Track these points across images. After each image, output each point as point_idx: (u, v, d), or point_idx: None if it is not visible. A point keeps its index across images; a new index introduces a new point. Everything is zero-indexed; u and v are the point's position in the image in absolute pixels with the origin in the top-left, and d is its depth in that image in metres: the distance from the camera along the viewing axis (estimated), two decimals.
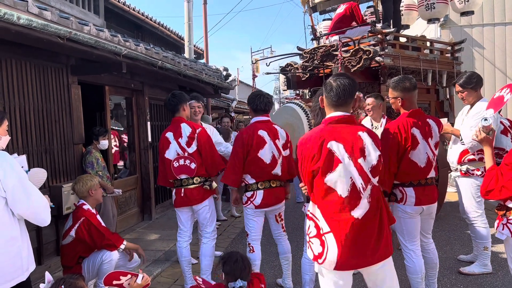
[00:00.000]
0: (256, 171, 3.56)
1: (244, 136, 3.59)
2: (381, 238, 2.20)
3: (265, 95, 3.72)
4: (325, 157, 2.18)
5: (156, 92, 7.09)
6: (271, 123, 3.68)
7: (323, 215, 2.22)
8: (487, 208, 4.25)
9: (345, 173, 2.18)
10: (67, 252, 3.50)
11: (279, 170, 3.58)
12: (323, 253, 2.19)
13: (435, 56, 6.05)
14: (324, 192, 2.21)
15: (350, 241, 2.13)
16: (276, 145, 3.58)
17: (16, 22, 3.07)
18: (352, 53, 5.25)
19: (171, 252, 5.05)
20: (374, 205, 2.21)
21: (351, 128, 2.25)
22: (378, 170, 2.26)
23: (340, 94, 2.26)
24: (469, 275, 3.97)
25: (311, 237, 2.29)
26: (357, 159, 2.19)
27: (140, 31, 11.03)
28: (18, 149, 3.94)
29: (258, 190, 3.56)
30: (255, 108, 3.68)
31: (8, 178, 2.26)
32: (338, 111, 2.29)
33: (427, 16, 6.65)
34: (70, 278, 2.18)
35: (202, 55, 13.86)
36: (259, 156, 3.52)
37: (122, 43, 4.54)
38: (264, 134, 3.55)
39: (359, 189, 2.19)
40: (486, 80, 9.16)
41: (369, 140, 2.24)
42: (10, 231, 2.31)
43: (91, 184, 3.62)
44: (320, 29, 8.13)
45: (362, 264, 2.18)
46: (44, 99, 4.37)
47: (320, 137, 2.21)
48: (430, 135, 3.10)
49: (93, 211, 3.59)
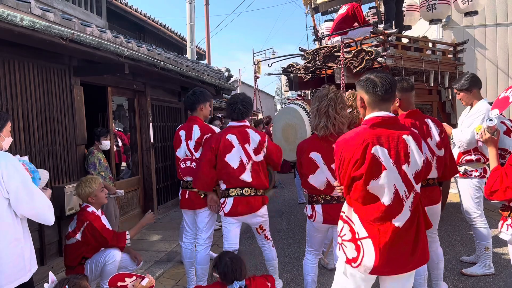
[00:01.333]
0: (224, 176, 3.46)
1: (212, 139, 3.55)
2: (418, 244, 2.15)
3: (240, 103, 3.54)
4: (369, 163, 2.09)
5: (158, 93, 7.10)
6: (244, 127, 3.53)
7: (361, 220, 2.16)
8: (488, 209, 4.25)
9: (389, 181, 2.10)
10: (70, 252, 3.51)
11: (248, 177, 3.41)
12: (357, 258, 2.15)
13: (437, 57, 6.04)
14: (365, 198, 2.14)
15: (388, 248, 2.09)
16: (245, 149, 3.44)
17: (19, 24, 3.08)
18: (354, 54, 5.25)
19: (173, 253, 5.06)
20: (414, 211, 2.15)
21: (395, 131, 2.15)
22: (421, 176, 2.18)
23: (387, 87, 2.16)
24: (472, 276, 3.97)
25: (344, 240, 2.23)
26: (401, 166, 2.11)
27: (142, 32, 11.05)
28: (21, 150, 3.95)
29: (229, 197, 3.45)
30: (229, 116, 3.62)
31: (11, 180, 2.27)
32: (382, 111, 2.17)
33: (429, 17, 6.63)
34: (74, 278, 2.19)
35: (204, 56, 13.91)
36: (226, 160, 3.42)
37: (124, 44, 4.55)
38: (232, 138, 3.45)
39: (402, 197, 2.11)
40: (488, 81, 9.15)
41: (414, 144, 2.14)
42: (13, 233, 2.32)
43: (90, 191, 3.56)
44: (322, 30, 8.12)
45: (398, 270, 2.13)
46: (46, 100, 4.38)
47: (364, 141, 2.11)
48: (429, 135, 3.07)
49: (97, 214, 3.59)
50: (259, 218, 3.54)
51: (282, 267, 4.36)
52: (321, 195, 3.10)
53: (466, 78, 4.02)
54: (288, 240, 5.28)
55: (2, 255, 2.26)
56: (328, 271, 4.19)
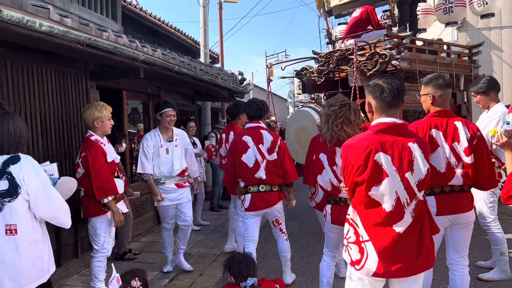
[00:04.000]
0: (242, 175, 3.88)
1: (231, 143, 4.15)
2: (422, 249, 2.14)
3: (257, 102, 4.05)
4: (371, 169, 2.09)
5: (172, 97, 7.13)
6: (259, 129, 3.93)
7: (363, 223, 2.18)
8: (504, 213, 4.19)
9: (390, 188, 2.09)
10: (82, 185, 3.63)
11: (262, 174, 3.80)
12: (361, 260, 2.17)
13: (452, 60, 5.98)
14: (366, 203, 2.15)
15: (390, 253, 2.09)
16: (260, 149, 3.83)
17: (38, 29, 3.13)
18: (368, 56, 5.23)
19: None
20: (416, 217, 2.14)
21: (401, 138, 2.13)
22: (425, 184, 2.17)
23: (395, 93, 2.14)
24: (488, 281, 3.92)
25: (350, 242, 2.26)
26: (404, 173, 2.10)
27: (156, 36, 11.15)
28: (39, 153, 4.03)
29: (247, 194, 3.86)
30: (247, 114, 4.10)
31: (32, 182, 2.33)
32: (388, 117, 2.16)
33: (445, 19, 6.58)
34: (137, 271, 2.33)
35: (217, 60, 13.98)
36: (242, 160, 3.84)
37: (140, 48, 4.60)
38: (248, 139, 3.87)
39: (404, 204, 2.11)
40: (505, 83, 9.01)
41: (419, 152, 2.12)
42: (33, 234, 2.38)
43: (99, 115, 3.66)
44: (336, 33, 8.10)
45: (401, 274, 2.13)
46: (63, 104, 4.46)
47: (367, 147, 2.11)
48: (456, 139, 2.88)
49: (101, 141, 3.69)
50: (275, 212, 3.92)
51: (295, 271, 4.35)
52: (332, 195, 3.21)
53: (484, 81, 3.97)
54: (302, 244, 5.27)
55: (22, 257, 2.32)
56: (338, 279, 4.14)
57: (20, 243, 2.31)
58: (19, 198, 2.31)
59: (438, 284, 3.84)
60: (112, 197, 3.65)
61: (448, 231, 3.02)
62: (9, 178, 2.30)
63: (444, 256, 3.17)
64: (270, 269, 4.53)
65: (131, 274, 2.29)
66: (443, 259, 3.31)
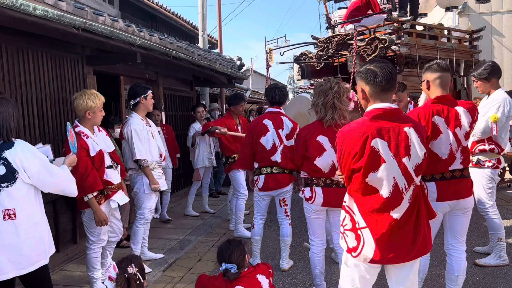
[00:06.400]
0: (258, 156, 3.98)
1: (252, 124, 4.19)
2: (418, 235, 2.14)
3: (281, 88, 4.09)
4: (368, 156, 2.07)
5: (170, 82, 7.11)
6: (279, 114, 4.01)
7: (360, 210, 2.17)
8: (502, 199, 4.19)
9: (388, 174, 2.08)
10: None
11: (278, 158, 3.91)
12: (357, 247, 2.17)
13: (453, 45, 5.93)
14: (364, 190, 2.14)
15: (387, 239, 2.09)
16: (279, 134, 3.93)
17: (32, 13, 3.09)
18: (368, 42, 5.18)
19: (185, 241, 5.11)
20: (413, 203, 2.13)
21: (397, 123, 2.11)
22: (422, 168, 2.15)
23: (388, 76, 2.12)
24: (485, 267, 3.94)
25: (346, 229, 2.25)
26: (401, 159, 2.08)
27: (154, 21, 11.04)
28: (36, 138, 4.00)
29: (261, 175, 3.97)
30: (270, 100, 4.07)
31: (31, 165, 2.40)
32: (383, 102, 2.14)
33: (446, 3, 6.51)
34: (133, 258, 2.34)
35: (216, 45, 13.84)
36: (260, 142, 3.93)
37: (136, 33, 4.55)
38: (268, 123, 3.96)
39: (402, 189, 2.10)
40: (505, 69, 8.97)
41: (415, 137, 2.10)
42: (32, 217, 2.45)
43: (92, 105, 3.29)
44: (335, 18, 8.01)
45: (398, 260, 2.13)
46: (60, 89, 4.42)
47: (364, 134, 2.09)
48: (458, 125, 2.84)
49: (84, 134, 3.32)
50: (285, 192, 4.02)
51: (292, 256, 4.37)
52: (322, 178, 3.24)
53: (486, 67, 3.91)
54: (300, 229, 5.28)
55: (23, 239, 2.38)
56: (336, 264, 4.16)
57: (19, 227, 2.37)
58: (18, 183, 2.36)
59: (436, 269, 3.85)
60: (94, 194, 3.28)
61: (446, 217, 3.01)
62: (5, 164, 2.33)
63: (441, 241, 3.17)
64: (268, 255, 4.55)
65: (127, 260, 2.28)
66: (440, 244, 3.33)
